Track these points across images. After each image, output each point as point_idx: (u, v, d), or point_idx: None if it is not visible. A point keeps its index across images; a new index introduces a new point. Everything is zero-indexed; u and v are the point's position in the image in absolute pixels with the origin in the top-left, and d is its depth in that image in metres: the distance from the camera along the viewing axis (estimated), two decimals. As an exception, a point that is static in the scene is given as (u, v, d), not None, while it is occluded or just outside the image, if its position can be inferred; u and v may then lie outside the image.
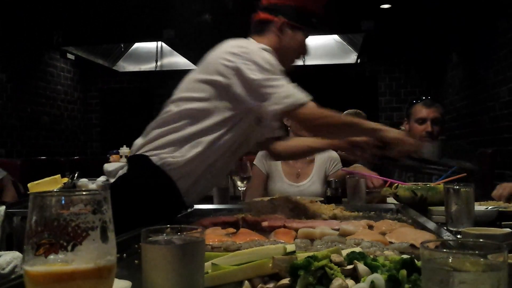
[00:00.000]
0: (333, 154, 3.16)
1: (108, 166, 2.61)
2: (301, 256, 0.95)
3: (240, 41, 1.95)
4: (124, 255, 1.30)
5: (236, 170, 2.62)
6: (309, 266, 0.88)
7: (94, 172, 3.89)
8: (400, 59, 7.50)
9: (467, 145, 1.95)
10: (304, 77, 8.21)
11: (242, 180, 2.58)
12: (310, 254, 0.94)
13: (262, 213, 1.96)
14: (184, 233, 0.75)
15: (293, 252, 0.99)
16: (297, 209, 2.04)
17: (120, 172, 2.15)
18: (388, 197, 2.31)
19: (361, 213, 2.03)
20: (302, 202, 2.16)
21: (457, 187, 1.53)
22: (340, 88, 7.49)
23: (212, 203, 2.52)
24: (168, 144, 1.90)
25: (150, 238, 0.73)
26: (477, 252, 0.60)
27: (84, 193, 0.65)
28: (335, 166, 3.10)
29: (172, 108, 1.95)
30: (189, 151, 1.89)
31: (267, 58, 1.86)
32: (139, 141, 1.99)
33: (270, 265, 0.93)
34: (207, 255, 1.05)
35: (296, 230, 1.57)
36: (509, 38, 4.70)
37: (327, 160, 3.09)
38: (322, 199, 2.49)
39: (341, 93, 7.30)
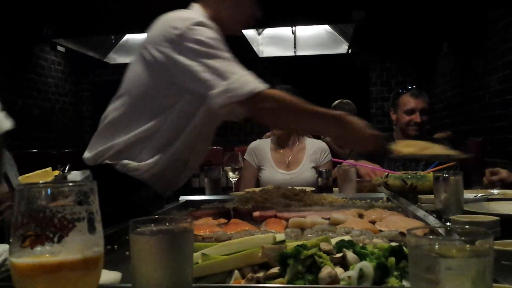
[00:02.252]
0: (323, 145, 3.17)
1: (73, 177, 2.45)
2: (291, 245, 0.95)
3: (179, 16, 1.78)
4: (115, 246, 1.30)
5: (227, 161, 2.63)
6: (298, 254, 0.89)
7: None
8: (391, 49, 7.50)
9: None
10: (295, 67, 8.19)
11: (233, 171, 2.58)
12: (300, 243, 0.95)
13: (253, 204, 1.96)
14: (173, 224, 0.75)
15: (283, 241, 0.99)
16: (288, 199, 2.05)
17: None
18: (379, 186, 2.32)
19: (351, 202, 2.03)
20: (293, 192, 2.17)
21: (446, 175, 1.54)
22: (331, 78, 7.49)
23: (204, 194, 2.53)
24: (127, 149, 1.79)
25: (138, 229, 0.73)
26: (463, 238, 0.60)
27: (70, 184, 0.65)
28: (326, 156, 3.11)
29: (120, 108, 1.83)
30: (152, 153, 1.79)
31: (209, 36, 1.71)
32: (96, 146, 1.87)
33: (260, 254, 0.93)
34: (197, 245, 1.06)
35: (287, 219, 1.58)
36: (499, 27, 4.72)
37: (317, 151, 3.10)
38: (314, 188, 2.50)
39: (332, 84, 7.30)
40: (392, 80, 7.55)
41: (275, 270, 0.90)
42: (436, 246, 0.58)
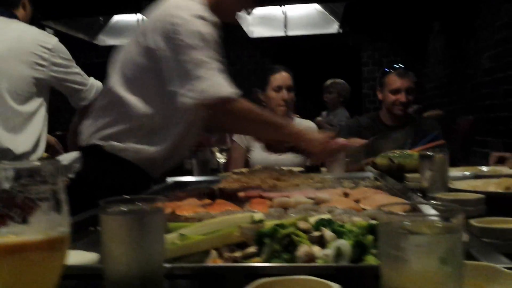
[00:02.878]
0: (312, 125, 3.16)
1: (62, 159, 2.48)
2: (269, 224, 0.95)
3: (179, 5, 1.78)
4: (93, 228, 1.29)
5: (215, 142, 2.61)
6: (275, 233, 0.88)
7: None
8: (382, 29, 7.45)
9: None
10: (286, 48, 8.13)
11: (221, 152, 2.56)
12: (278, 222, 0.94)
13: (240, 184, 1.95)
14: (143, 204, 0.73)
15: (261, 221, 0.98)
16: (275, 179, 2.04)
17: (76, 166, 2.11)
18: (367, 165, 2.32)
19: (339, 182, 2.03)
20: (280, 172, 2.16)
21: (431, 153, 1.54)
22: (322, 58, 7.45)
23: (192, 175, 2.52)
24: (120, 131, 1.81)
25: (108, 209, 0.71)
26: (432, 215, 0.59)
27: (34, 163, 0.63)
28: (316, 136, 3.09)
29: (116, 89, 1.83)
30: (141, 139, 1.81)
31: (202, 32, 1.70)
32: (89, 127, 1.88)
33: (237, 234, 0.92)
34: (175, 225, 1.05)
35: (272, 200, 1.57)
36: (490, 6, 4.68)
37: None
38: (302, 169, 2.50)
39: (324, 64, 7.26)
40: (383, 59, 7.52)
41: (252, 249, 0.89)
42: (405, 223, 0.57)
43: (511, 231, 1.01)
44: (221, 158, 2.59)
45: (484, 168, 2.04)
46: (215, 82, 1.68)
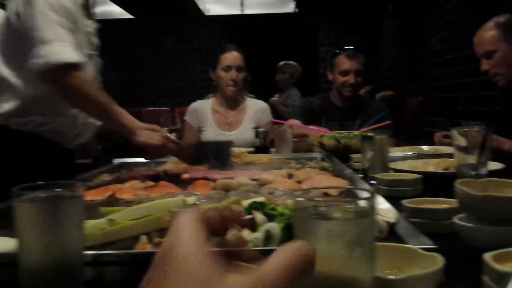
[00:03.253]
0: (264, 105, 3.16)
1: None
2: (203, 208, 0.93)
3: None
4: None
5: (164, 122, 2.56)
6: (205, 218, 0.87)
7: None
8: (339, 9, 7.48)
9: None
10: (243, 27, 8.06)
11: (170, 132, 2.52)
12: (210, 206, 0.93)
13: (187, 165, 1.93)
14: (60, 189, 0.70)
15: (194, 205, 0.97)
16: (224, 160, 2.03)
17: None
18: (315, 146, 2.34)
19: (286, 162, 2.04)
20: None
21: (372, 134, 1.56)
22: (280, 38, 7.43)
23: (139, 156, 2.47)
24: (17, 106, 1.82)
25: (21, 196, 0.68)
26: (344, 199, 0.59)
27: None
28: (266, 117, 3.09)
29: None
30: (39, 108, 1.83)
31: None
32: None
33: (168, 218, 0.91)
34: (107, 210, 1.02)
35: (215, 181, 1.55)
36: (441, -13, 4.76)
37: (258, 111, 3.08)
38: (252, 149, 2.49)
39: (281, 44, 7.25)
40: (340, 40, 7.57)
41: (182, 234, 0.87)
42: (318, 208, 0.56)
43: (439, 211, 1.03)
44: (170, 139, 2.55)
45: (426, 148, 2.09)
46: (60, 48, 1.68)
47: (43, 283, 0.67)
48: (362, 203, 0.56)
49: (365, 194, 0.57)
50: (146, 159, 1.99)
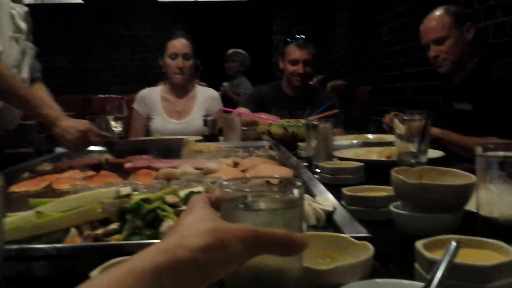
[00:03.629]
0: (214, 93, 3.12)
1: None
2: (136, 199, 0.90)
3: None
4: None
5: (110, 110, 2.49)
6: (138, 209, 0.84)
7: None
8: (293, -2, 7.50)
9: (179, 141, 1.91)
10: (197, 14, 7.94)
11: (116, 120, 2.45)
12: (144, 196, 0.89)
13: (130, 154, 1.88)
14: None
15: (128, 196, 0.93)
16: (169, 149, 1.99)
17: None
18: (264, 134, 2.33)
19: (234, 151, 2.02)
20: (175, 141, 2.11)
21: (316, 123, 1.56)
22: (233, 26, 7.37)
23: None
24: None
25: None
26: (272, 190, 0.57)
27: None
28: (216, 105, 3.06)
29: None
30: None
31: None
32: None
33: (99, 210, 0.87)
34: (36, 202, 0.97)
35: (158, 170, 1.52)
36: (391, -22, 4.84)
37: (208, 99, 3.04)
38: (201, 137, 2.46)
39: (234, 31, 7.19)
40: (293, 29, 7.58)
41: (114, 226, 0.84)
42: (245, 199, 0.55)
43: (376, 199, 1.04)
44: (116, 127, 2.48)
45: (371, 136, 2.12)
46: None
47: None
48: (292, 192, 0.55)
49: (296, 184, 0.56)
50: (65, 149, 1.94)
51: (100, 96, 5.81)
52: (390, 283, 0.58)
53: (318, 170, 1.49)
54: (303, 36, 3.03)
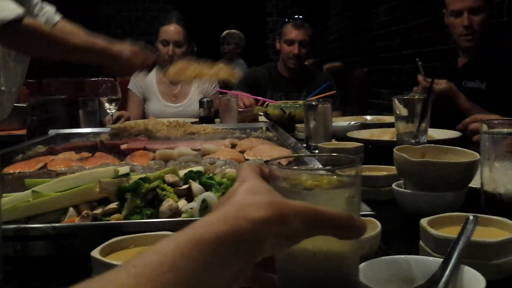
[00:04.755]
0: (212, 77, 3.09)
1: None
2: (134, 178, 0.88)
3: None
4: None
5: (104, 91, 2.45)
6: (138, 188, 0.82)
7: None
8: (287, -22, 7.41)
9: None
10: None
11: (110, 102, 2.42)
12: (143, 175, 0.88)
13: (127, 136, 1.86)
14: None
15: (126, 175, 0.91)
16: (164, 131, 1.97)
17: None
18: (260, 115, 2.31)
19: (231, 132, 2.00)
20: (172, 123, 2.09)
21: (315, 103, 1.54)
22: (227, 7, 7.29)
23: (79, 127, 2.36)
24: None
25: None
26: (328, 167, 0.52)
27: None
28: (214, 87, 3.03)
29: None
30: None
31: None
32: None
33: (98, 189, 0.85)
34: (32, 182, 0.96)
35: (155, 152, 1.50)
36: (387, -42, 4.78)
37: (204, 81, 3.00)
38: (196, 119, 2.44)
39: (228, 13, 7.11)
40: (288, 10, 7.51)
41: (113, 205, 0.83)
42: (300, 177, 0.50)
43: (378, 178, 1.03)
44: (110, 109, 2.45)
45: (369, 118, 2.11)
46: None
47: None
48: (347, 170, 0.51)
49: (350, 162, 0.51)
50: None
51: (92, 79, 5.75)
52: (409, 260, 0.57)
53: (316, 151, 1.47)
54: (301, 17, 2.99)
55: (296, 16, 2.99)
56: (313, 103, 1.54)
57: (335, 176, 0.50)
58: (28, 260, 0.77)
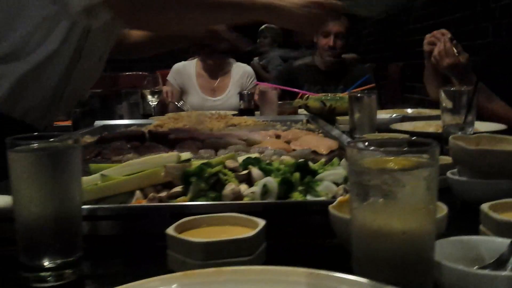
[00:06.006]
0: (248, 69, 3.13)
1: None
2: (196, 163, 0.92)
3: None
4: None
5: (147, 84, 2.52)
6: (201, 172, 0.86)
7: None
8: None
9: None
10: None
11: (153, 94, 2.49)
12: (205, 161, 0.92)
13: (171, 127, 1.91)
14: (57, 140, 0.68)
15: (188, 160, 0.96)
16: (207, 122, 2.02)
17: None
18: (300, 108, 2.33)
19: (271, 124, 2.03)
20: (213, 115, 2.13)
21: (360, 95, 1.55)
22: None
23: (122, 118, 2.44)
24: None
25: (17, 147, 0.66)
26: (411, 149, 0.54)
27: None
28: (251, 81, 3.07)
29: None
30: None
31: None
32: None
33: (163, 173, 0.89)
34: (99, 167, 1.00)
35: (203, 141, 1.54)
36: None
37: (243, 75, 3.05)
38: (236, 112, 2.48)
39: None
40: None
41: (178, 189, 0.87)
42: (381, 159, 0.52)
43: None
44: (153, 101, 2.52)
45: (409, 110, 2.11)
46: None
47: (42, 237, 0.66)
48: (429, 152, 0.52)
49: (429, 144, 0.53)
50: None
51: (127, 73, 5.85)
52: (476, 240, 0.60)
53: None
54: None
55: None
56: (359, 95, 1.55)
57: (415, 158, 0.52)
58: (100, 239, 0.82)
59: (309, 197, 0.87)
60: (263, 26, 5.31)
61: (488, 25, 3.66)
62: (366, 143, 0.56)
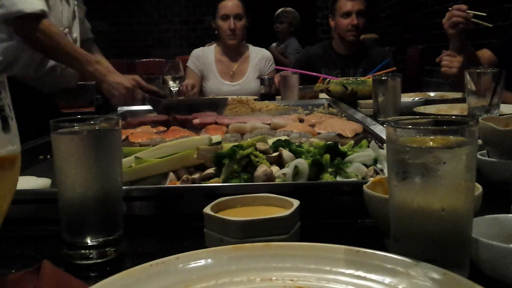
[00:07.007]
0: (267, 53, 3.12)
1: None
2: (227, 146, 0.94)
3: None
4: (48, 156, 1.26)
5: (168, 70, 2.54)
6: (234, 154, 0.88)
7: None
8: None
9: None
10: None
11: (174, 80, 2.50)
12: (236, 144, 0.93)
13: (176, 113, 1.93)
14: (97, 122, 0.71)
15: (219, 143, 0.97)
16: (230, 107, 2.03)
17: None
18: (321, 92, 2.33)
19: (293, 108, 2.04)
20: (235, 99, 2.15)
21: (385, 78, 1.55)
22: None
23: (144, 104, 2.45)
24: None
25: (60, 129, 0.68)
26: (449, 128, 0.54)
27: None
28: (270, 65, 3.07)
29: None
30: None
31: None
32: None
33: (195, 156, 0.91)
34: (131, 149, 1.03)
35: (227, 126, 1.56)
36: None
37: (262, 60, 3.05)
38: (257, 97, 2.49)
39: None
40: (337, -12, 7.38)
41: (210, 170, 0.89)
42: (422, 139, 0.53)
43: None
44: (174, 86, 2.54)
45: (432, 94, 2.10)
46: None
47: (85, 216, 0.68)
48: (468, 131, 0.53)
49: (467, 123, 0.54)
50: (113, 104, 2.05)
51: (143, 60, 5.88)
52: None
53: (385, 126, 1.49)
54: None
55: None
56: (383, 78, 1.55)
57: (453, 137, 0.53)
58: (136, 219, 0.84)
59: (339, 178, 0.88)
60: (279, 11, 5.26)
61: (509, 6, 3.59)
62: (405, 123, 0.56)
